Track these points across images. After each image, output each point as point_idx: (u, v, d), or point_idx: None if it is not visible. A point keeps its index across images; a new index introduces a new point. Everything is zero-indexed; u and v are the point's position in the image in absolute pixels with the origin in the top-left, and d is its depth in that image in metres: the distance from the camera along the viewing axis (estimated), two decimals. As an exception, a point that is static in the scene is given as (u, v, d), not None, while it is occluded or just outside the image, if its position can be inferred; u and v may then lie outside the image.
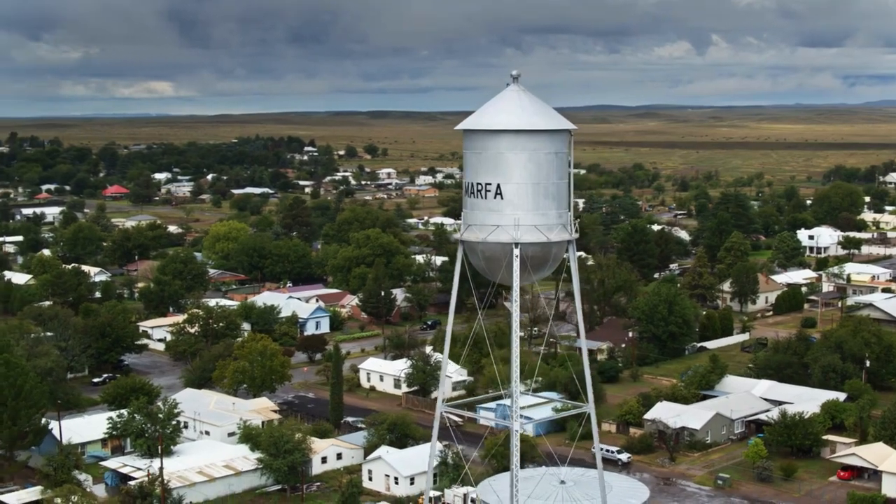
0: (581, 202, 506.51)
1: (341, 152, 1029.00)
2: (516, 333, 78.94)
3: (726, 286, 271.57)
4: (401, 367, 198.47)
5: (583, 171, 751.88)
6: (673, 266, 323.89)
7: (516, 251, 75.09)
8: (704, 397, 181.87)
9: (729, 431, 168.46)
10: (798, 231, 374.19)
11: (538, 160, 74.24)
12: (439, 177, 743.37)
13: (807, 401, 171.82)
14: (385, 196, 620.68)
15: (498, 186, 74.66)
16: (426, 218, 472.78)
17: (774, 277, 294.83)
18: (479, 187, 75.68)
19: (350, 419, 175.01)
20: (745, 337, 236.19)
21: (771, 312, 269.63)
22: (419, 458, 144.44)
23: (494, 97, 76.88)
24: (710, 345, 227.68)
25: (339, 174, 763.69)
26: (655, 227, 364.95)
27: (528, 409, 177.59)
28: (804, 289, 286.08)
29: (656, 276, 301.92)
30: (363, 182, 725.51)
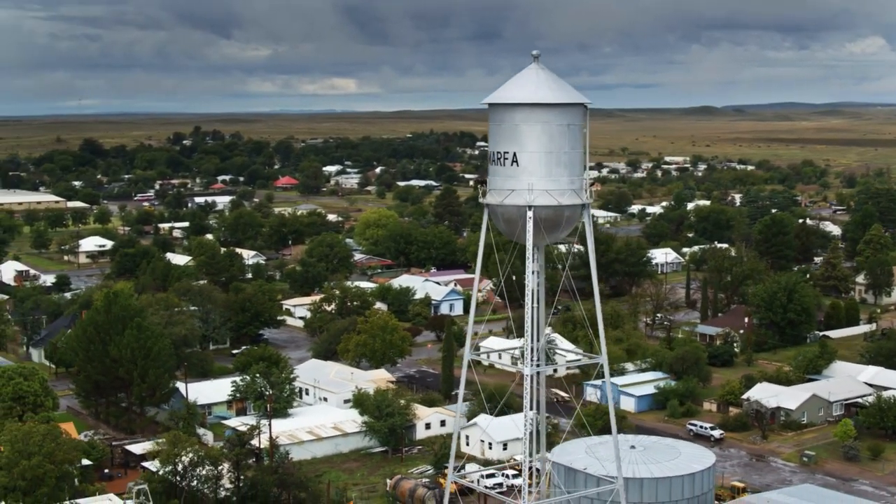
0: (738, 196, 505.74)
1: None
2: (531, 292, 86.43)
3: (860, 278, 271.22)
4: (517, 345, 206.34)
5: (750, 167, 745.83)
6: (817, 259, 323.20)
7: (530, 213, 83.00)
8: (810, 381, 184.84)
9: (826, 413, 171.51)
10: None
11: (550, 131, 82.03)
12: (604, 171, 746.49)
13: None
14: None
15: (514, 155, 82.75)
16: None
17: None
18: (499, 155, 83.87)
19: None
20: (870, 327, 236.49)
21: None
22: (512, 426, 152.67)
23: (516, 75, 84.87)
24: (834, 334, 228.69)
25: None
26: (809, 222, 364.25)
27: (631, 386, 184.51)
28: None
29: (795, 268, 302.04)
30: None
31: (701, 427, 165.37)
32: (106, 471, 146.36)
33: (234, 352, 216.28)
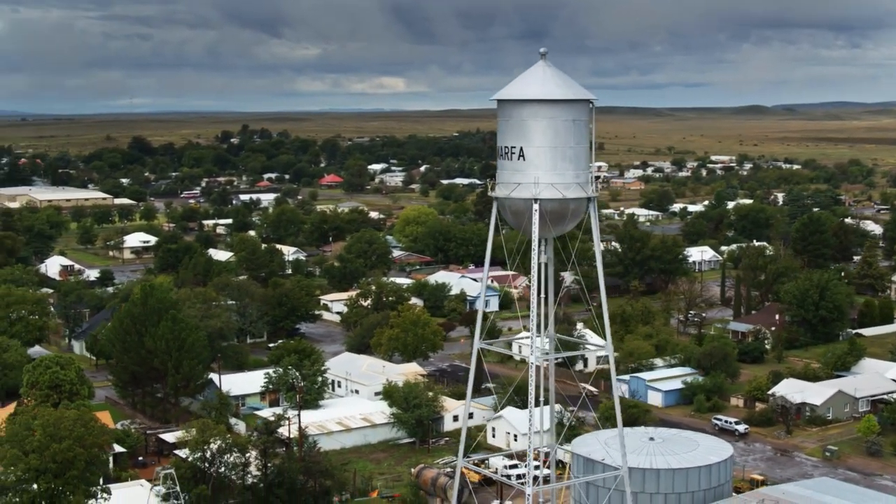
0: (781, 196, 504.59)
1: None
2: (535, 282, 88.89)
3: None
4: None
5: (796, 167, 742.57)
6: (857, 258, 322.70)
7: (536, 206, 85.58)
8: (837, 378, 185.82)
9: (852, 409, 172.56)
10: None
11: (556, 126, 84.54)
12: (649, 170, 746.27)
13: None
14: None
15: (521, 149, 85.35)
16: (622, 209, 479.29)
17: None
18: (507, 150, 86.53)
19: (490, 385, 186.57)
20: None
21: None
22: (537, 419, 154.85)
23: (524, 72, 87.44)
24: (867, 332, 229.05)
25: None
26: (850, 221, 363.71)
27: (658, 381, 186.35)
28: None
29: (833, 266, 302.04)
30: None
31: (726, 422, 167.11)
32: (140, 458, 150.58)
33: (271, 345, 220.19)
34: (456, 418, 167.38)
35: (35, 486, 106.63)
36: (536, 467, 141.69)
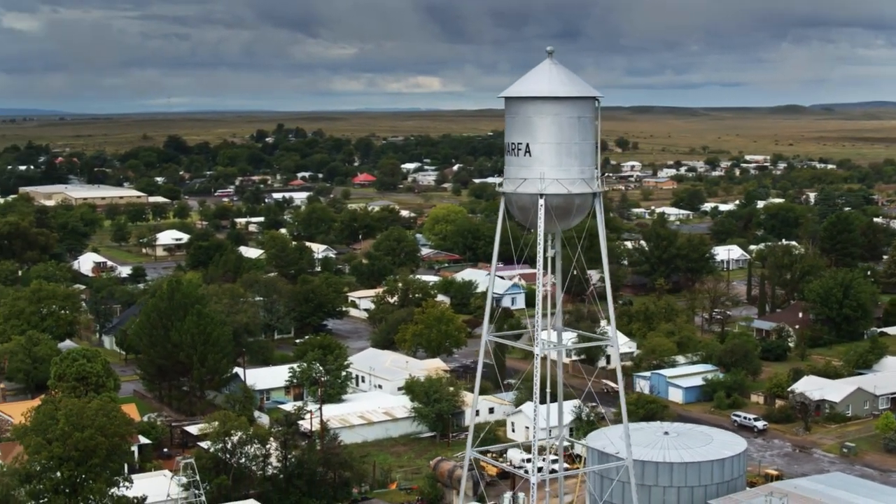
0: (813, 195, 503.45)
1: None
2: (540, 276, 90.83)
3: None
4: (570, 337, 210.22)
5: (830, 166, 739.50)
6: (886, 258, 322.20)
7: (541, 201, 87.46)
8: (859, 375, 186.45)
9: (872, 407, 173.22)
10: None
11: (561, 123, 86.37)
12: (682, 170, 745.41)
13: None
14: (622, 188, 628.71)
15: (527, 145, 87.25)
16: (652, 208, 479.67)
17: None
18: (513, 146, 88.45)
19: (511, 381, 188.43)
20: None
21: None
22: (554, 413, 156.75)
23: (531, 70, 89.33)
24: (892, 330, 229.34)
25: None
26: (880, 220, 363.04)
27: (679, 378, 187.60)
28: None
29: (860, 265, 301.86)
30: (605, 174, 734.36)
31: (745, 418, 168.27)
32: (165, 450, 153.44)
33: (298, 341, 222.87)
34: (477, 412, 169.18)
35: (58, 473, 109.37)
36: (554, 460, 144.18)
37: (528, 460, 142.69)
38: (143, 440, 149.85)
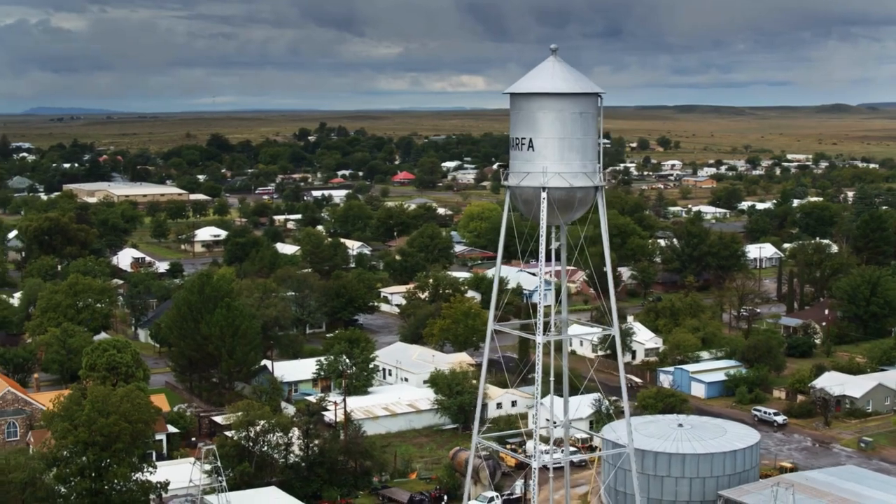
0: (851, 194, 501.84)
1: (633, 144, 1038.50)
2: (542, 269, 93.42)
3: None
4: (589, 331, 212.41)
5: (872, 165, 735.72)
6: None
7: (544, 194, 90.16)
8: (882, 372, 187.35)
9: (893, 402, 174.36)
10: None
11: (563, 119, 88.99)
12: (723, 169, 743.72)
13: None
14: (661, 186, 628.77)
15: (530, 140, 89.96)
16: (689, 206, 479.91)
17: None
18: (517, 141, 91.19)
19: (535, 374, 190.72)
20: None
21: None
22: (577, 406, 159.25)
23: (535, 67, 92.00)
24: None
25: (622, 165, 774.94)
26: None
27: (702, 373, 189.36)
28: None
29: (893, 263, 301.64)
30: (644, 172, 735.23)
31: (765, 413, 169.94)
32: (193, 439, 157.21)
33: (328, 335, 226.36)
34: (500, 405, 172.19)
35: (84, 458, 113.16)
36: (574, 452, 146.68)
37: (547, 452, 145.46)
38: (172, 429, 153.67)
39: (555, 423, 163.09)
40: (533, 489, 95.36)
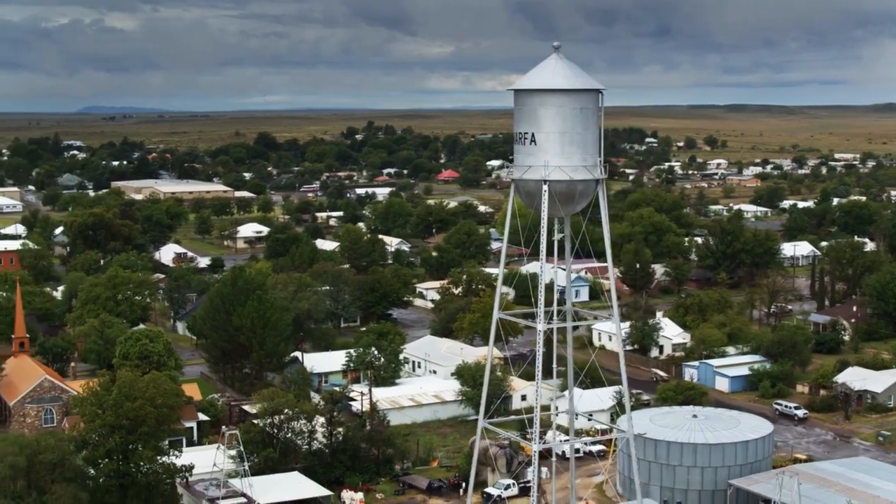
0: (895, 193, 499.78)
1: (680, 143, 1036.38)
2: (543, 259, 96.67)
3: None
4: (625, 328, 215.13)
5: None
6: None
7: (545, 187, 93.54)
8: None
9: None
10: None
11: (564, 114, 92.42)
12: (769, 168, 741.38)
13: None
14: (705, 185, 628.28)
15: (532, 135, 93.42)
16: (731, 205, 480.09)
17: None
18: (521, 136, 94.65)
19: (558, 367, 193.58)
20: None
21: None
22: (597, 398, 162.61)
23: (538, 64, 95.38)
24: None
25: (667, 164, 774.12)
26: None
27: (726, 367, 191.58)
28: None
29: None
30: (689, 171, 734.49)
31: (786, 406, 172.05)
32: (223, 427, 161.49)
33: (363, 329, 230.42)
34: (524, 397, 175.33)
35: (111, 439, 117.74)
36: (595, 442, 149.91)
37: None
38: (203, 417, 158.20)
39: (564, 412, 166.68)
40: (533, 474, 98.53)
